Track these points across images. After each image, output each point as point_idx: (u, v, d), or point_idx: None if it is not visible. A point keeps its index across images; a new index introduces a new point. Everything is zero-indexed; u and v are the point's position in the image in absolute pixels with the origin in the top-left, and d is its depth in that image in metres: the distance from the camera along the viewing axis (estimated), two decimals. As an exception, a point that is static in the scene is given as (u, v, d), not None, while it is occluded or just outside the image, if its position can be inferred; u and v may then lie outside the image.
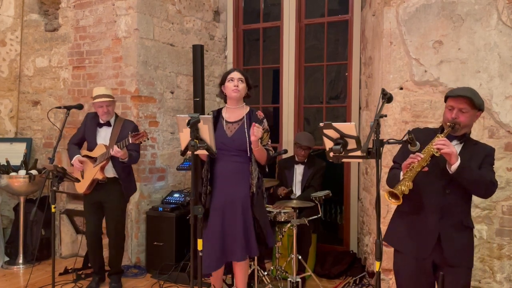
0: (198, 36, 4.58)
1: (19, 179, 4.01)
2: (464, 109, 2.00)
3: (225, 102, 2.88)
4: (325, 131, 1.90)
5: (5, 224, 4.45)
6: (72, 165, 3.38)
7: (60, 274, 3.74)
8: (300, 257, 3.37)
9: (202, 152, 2.42)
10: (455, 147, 1.97)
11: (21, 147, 4.40)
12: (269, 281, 3.37)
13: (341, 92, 5.79)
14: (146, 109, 4.07)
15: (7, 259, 4.17)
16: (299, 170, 3.88)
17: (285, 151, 3.90)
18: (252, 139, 2.61)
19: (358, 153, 1.87)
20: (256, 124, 2.60)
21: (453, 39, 2.87)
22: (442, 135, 1.98)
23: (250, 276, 3.32)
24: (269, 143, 2.83)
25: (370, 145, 1.83)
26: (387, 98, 1.92)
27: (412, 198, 1.99)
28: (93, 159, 3.32)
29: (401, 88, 2.99)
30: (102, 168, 3.26)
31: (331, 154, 1.89)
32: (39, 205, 3.12)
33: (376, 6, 3.34)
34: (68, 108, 3.34)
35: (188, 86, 4.47)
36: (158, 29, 4.16)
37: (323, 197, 3.49)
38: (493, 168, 2.06)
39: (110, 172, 3.34)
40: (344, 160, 1.95)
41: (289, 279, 3.30)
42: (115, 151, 3.10)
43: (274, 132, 4.78)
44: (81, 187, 3.38)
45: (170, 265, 3.74)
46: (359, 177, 4.21)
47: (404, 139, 1.94)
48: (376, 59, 3.31)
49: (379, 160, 1.81)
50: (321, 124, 1.90)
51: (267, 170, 2.88)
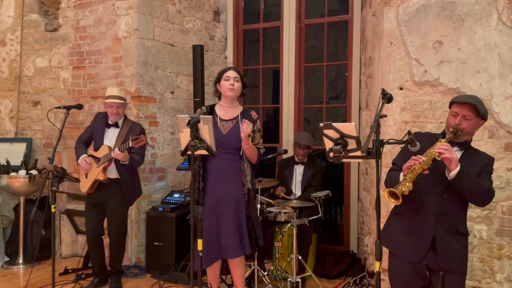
0: (198, 36, 4.58)
1: (19, 179, 4.01)
2: (468, 116, 2.01)
3: (219, 99, 2.91)
4: (325, 131, 1.90)
5: (5, 224, 4.45)
6: (78, 164, 3.38)
7: (60, 274, 3.74)
8: (300, 257, 3.37)
9: (202, 152, 2.42)
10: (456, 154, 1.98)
11: (21, 147, 4.41)
12: (269, 281, 3.37)
13: (341, 92, 5.79)
14: (146, 109, 4.07)
15: (7, 259, 4.16)
16: (299, 170, 3.88)
17: (285, 151, 3.91)
18: (242, 136, 2.64)
19: (358, 153, 1.87)
20: (246, 120, 2.63)
21: (453, 39, 2.87)
22: (444, 140, 1.99)
23: (250, 276, 3.33)
24: (261, 142, 2.87)
25: (370, 145, 1.83)
26: (387, 98, 1.92)
27: (410, 200, 1.99)
28: (97, 159, 3.33)
29: (401, 88, 2.98)
30: (104, 169, 3.26)
31: (331, 154, 1.89)
32: (39, 205, 3.13)
33: (376, 6, 3.34)
34: (68, 108, 3.34)
35: (188, 86, 4.47)
36: (158, 29, 4.16)
37: (323, 197, 3.50)
38: (491, 178, 2.07)
39: (113, 174, 3.33)
40: (344, 160, 1.95)
41: (289, 279, 3.30)
42: (116, 153, 3.11)
43: (274, 132, 4.79)
44: (84, 186, 3.39)
45: (170, 265, 3.74)
46: (359, 177, 4.21)
47: (404, 139, 1.94)
48: (376, 59, 3.31)
49: (379, 160, 1.81)
50: (321, 124, 1.90)
51: (258, 169, 2.90)
